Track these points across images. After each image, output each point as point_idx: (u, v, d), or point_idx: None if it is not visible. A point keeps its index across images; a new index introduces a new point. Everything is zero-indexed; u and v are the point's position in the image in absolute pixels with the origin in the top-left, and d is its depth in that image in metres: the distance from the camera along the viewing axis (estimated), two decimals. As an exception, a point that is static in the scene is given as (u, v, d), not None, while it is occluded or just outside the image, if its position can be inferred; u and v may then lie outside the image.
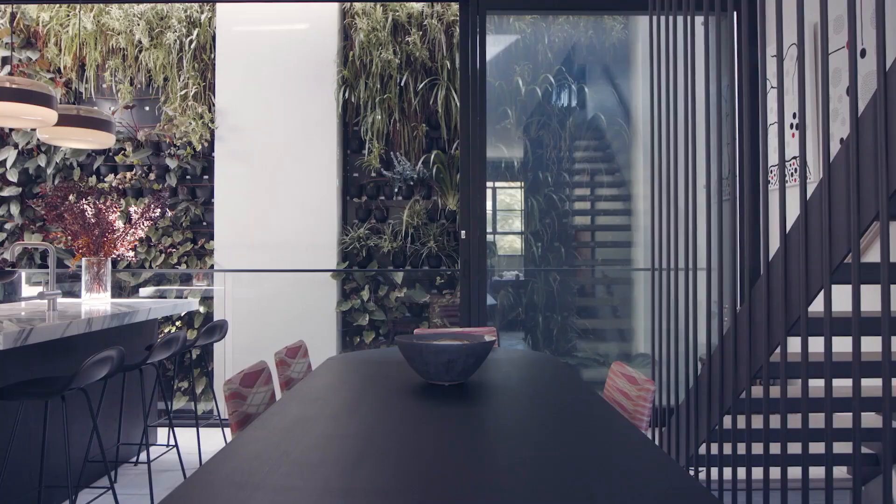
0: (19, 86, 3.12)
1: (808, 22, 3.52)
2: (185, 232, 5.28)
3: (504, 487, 1.26)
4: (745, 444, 2.49)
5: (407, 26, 5.29)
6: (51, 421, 3.05)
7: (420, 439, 1.56)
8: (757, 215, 3.91)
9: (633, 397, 2.03)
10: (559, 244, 5.40)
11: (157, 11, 5.29)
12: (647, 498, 1.21)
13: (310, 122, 5.21)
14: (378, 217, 5.32)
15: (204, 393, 5.13)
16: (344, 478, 1.31)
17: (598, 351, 5.40)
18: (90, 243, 3.82)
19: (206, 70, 5.29)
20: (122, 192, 5.27)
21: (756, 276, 3.92)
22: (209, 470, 1.33)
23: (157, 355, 3.20)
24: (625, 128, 5.49)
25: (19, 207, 5.30)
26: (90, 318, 3.00)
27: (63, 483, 3.20)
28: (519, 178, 5.55)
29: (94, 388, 3.38)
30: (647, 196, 5.29)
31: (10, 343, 2.42)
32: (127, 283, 5.26)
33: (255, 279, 5.20)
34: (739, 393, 2.60)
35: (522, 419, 1.78)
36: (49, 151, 5.31)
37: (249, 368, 2.07)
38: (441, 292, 5.24)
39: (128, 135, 5.31)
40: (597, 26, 5.45)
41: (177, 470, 3.67)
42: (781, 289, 2.32)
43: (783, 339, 2.30)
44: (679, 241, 3.09)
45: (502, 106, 5.41)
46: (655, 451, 1.45)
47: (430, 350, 2.01)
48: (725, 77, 4.02)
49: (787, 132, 3.75)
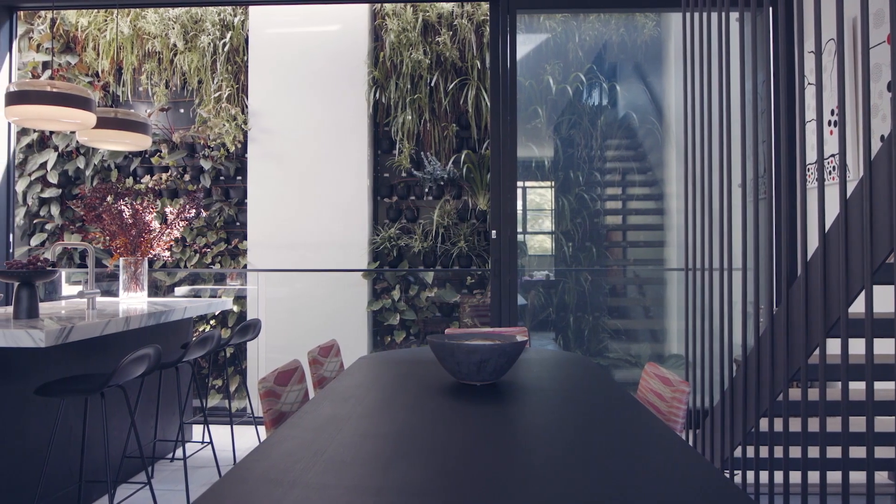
0: (59, 90, 3.20)
1: (848, 16, 3.44)
2: (218, 232, 5.36)
3: (536, 487, 1.26)
4: (783, 448, 2.44)
5: (437, 26, 5.30)
6: (90, 417, 3.12)
7: (452, 439, 1.56)
8: (794, 214, 3.83)
9: (668, 399, 2.00)
10: (590, 244, 5.36)
11: (192, 15, 5.38)
12: (684, 501, 1.19)
13: (341, 123, 5.25)
14: (409, 217, 5.34)
15: (237, 391, 5.20)
16: (377, 476, 1.32)
17: (631, 352, 5.34)
18: (127, 243, 3.90)
19: (239, 72, 5.36)
20: (157, 193, 5.37)
21: (793, 276, 3.84)
22: (245, 467, 1.34)
23: (192, 353, 3.25)
24: (657, 126, 5.42)
25: (59, 208, 5.43)
26: (128, 317, 3.06)
27: (102, 478, 3.27)
28: (549, 178, 5.52)
29: (132, 386, 3.45)
30: (680, 195, 5.22)
31: (51, 341, 2.48)
32: (163, 282, 5.36)
33: (288, 279, 5.26)
34: (776, 395, 2.55)
35: (555, 419, 1.77)
36: (88, 153, 5.43)
37: (283, 367, 2.09)
38: (471, 292, 5.24)
39: (163, 137, 5.41)
40: (628, 24, 5.40)
41: (212, 467, 3.72)
42: (820, 289, 2.27)
43: (822, 340, 2.25)
44: (714, 240, 3.05)
45: (533, 105, 5.39)
46: (691, 453, 1.43)
47: (463, 350, 2.01)
48: (761, 73, 3.95)
49: (825, 129, 3.67)
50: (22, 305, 2.89)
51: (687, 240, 3.38)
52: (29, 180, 5.38)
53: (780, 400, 2.51)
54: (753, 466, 2.76)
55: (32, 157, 5.39)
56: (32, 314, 2.91)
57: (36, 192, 5.39)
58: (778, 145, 3.95)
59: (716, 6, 3.01)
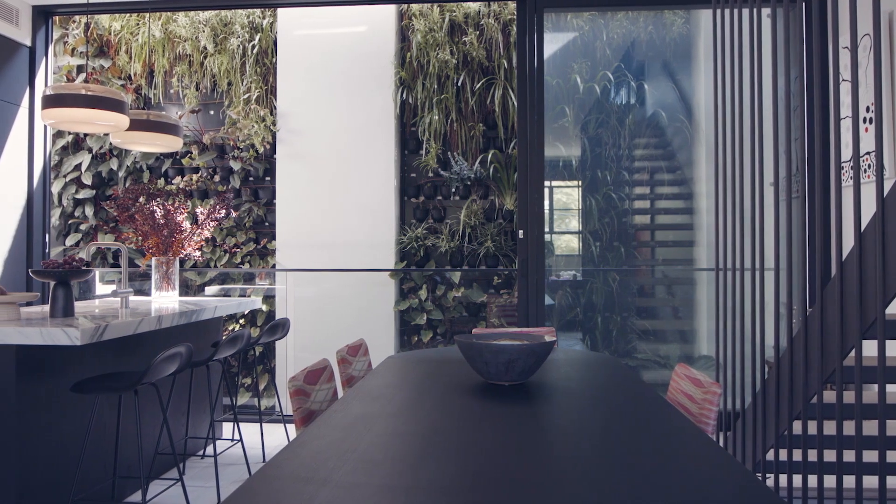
0: (94, 93, 3.26)
1: (884, 10, 3.37)
2: (248, 232, 5.42)
3: (566, 487, 1.25)
4: (817, 451, 2.40)
5: (464, 26, 5.30)
6: (124, 414, 3.18)
7: (481, 439, 1.56)
8: (829, 213, 3.76)
9: (699, 400, 1.98)
10: (618, 243, 5.32)
11: (221, 18, 5.45)
12: (717, 502, 1.18)
13: (368, 124, 5.28)
14: (435, 217, 5.35)
15: (266, 389, 5.25)
16: (406, 475, 1.32)
17: (659, 353, 5.29)
18: (159, 243, 3.97)
19: (267, 74, 5.42)
20: (188, 194, 5.45)
21: (828, 276, 3.77)
22: (275, 465, 1.36)
23: (222, 352, 3.29)
24: (686, 124, 5.36)
25: (93, 209, 5.54)
26: (160, 316, 3.11)
27: (135, 474, 3.33)
28: (577, 177, 5.49)
29: (164, 383, 3.50)
30: (710, 194, 5.16)
31: (87, 339, 2.53)
32: (193, 281, 5.43)
33: (316, 278, 5.30)
34: (810, 397, 2.50)
35: (584, 420, 1.76)
36: (121, 155, 5.53)
37: (313, 366, 2.11)
38: (498, 292, 5.23)
39: (194, 138, 5.48)
40: (657, 21, 5.35)
41: (241, 464, 3.77)
42: (856, 289, 2.23)
43: (858, 342, 2.21)
44: (745, 240, 3.00)
45: (560, 104, 5.36)
46: (724, 455, 1.42)
47: (491, 350, 2.01)
48: (794, 70, 3.88)
49: (860, 126, 3.59)
50: (58, 304, 2.96)
51: (717, 239, 3.33)
52: (64, 182, 5.50)
53: (815, 402, 2.46)
54: (787, 470, 2.71)
55: (67, 158, 5.51)
56: (68, 313, 2.98)
57: (71, 194, 5.51)
58: (811, 143, 3.88)
59: (747, 2, 2.97)
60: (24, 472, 2.60)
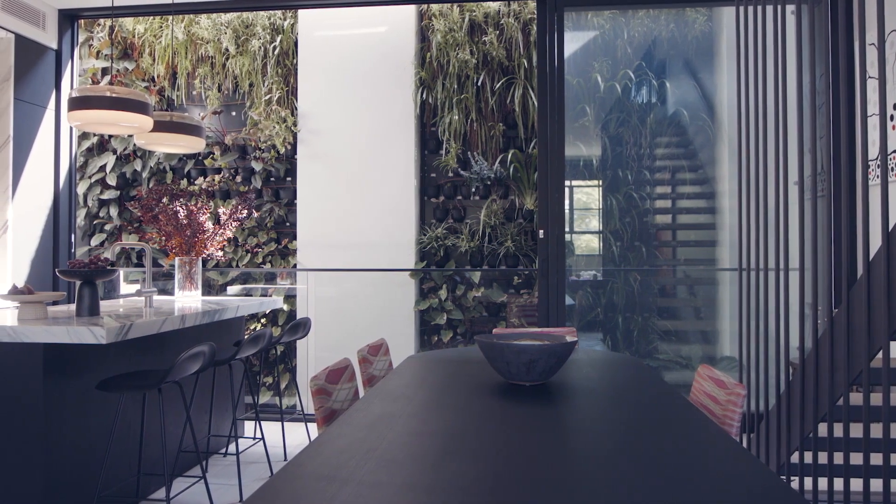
0: (118, 95, 3.31)
1: (912, 6, 3.31)
2: (269, 232, 5.46)
3: (587, 487, 1.24)
4: (843, 454, 2.36)
5: (484, 26, 5.29)
6: (148, 412, 3.22)
7: (502, 438, 1.56)
8: (855, 212, 3.70)
9: (722, 402, 1.96)
10: (640, 243, 5.28)
11: (243, 20, 5.49)
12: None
13: (388, 124, 5.29)
14: (455, 217, 5.35)
15: (287, 388, 5.29)
16: (428, 474, 1.32)
17: (681, 353, 5.24)
18: (182, 243, 4.01)
19: (288, 75, 5.45)
20: (210, 194, 5.50)
21: (854, 276, 3.71)
22: (298, 464, 1.37)
23: (245, 351, 3.32)
24: (708, 123, 5.31)
25: (118, 209, 5.61)
26: (184, 315, 3.14)
27: (159, 471, 3.37)
28: (597, 177, 5.46)
29: (188, 382, 3.54)
30: (733, 193, 5.10)
31: (112, 337, 2.56)
32: (216, 281, 5.49)
33: (336, 278, 5.33)
34: (836, 399, 2.47)
35: (605, 420, 1.75)
36: (144, 156, 5.60)
37: (334, 365, 2.12)
38: (518, 292, 5.22)
39: (216, 139, 5.54)
40: (678, 19, 5.30)
41: (263, 462, 3.80)
42: (884, 289, 2.19)
43: (885, 342, 2.17)
44: (769, 239, 2.97)
45: (580, 103, 5.33)
46: (748, 457, 1.40)
47: (512, 350, 2.01)
48: (818, 67, 3.83)
49: (888, 124, 3.53)
50: (84, 303, 3.00)
51: (741, 239, 3.30)
52: (89, 182, 5.58)
53: (840, 404, 2.43)
54: (812, 472, 2.67)
55: (92, 160, 5.59)
56: (94, 311, 3.02)
57: (96, 194, 5.59)
58: (837, 141, 3.82)
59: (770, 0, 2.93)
60: (50, 468, 2.64)
